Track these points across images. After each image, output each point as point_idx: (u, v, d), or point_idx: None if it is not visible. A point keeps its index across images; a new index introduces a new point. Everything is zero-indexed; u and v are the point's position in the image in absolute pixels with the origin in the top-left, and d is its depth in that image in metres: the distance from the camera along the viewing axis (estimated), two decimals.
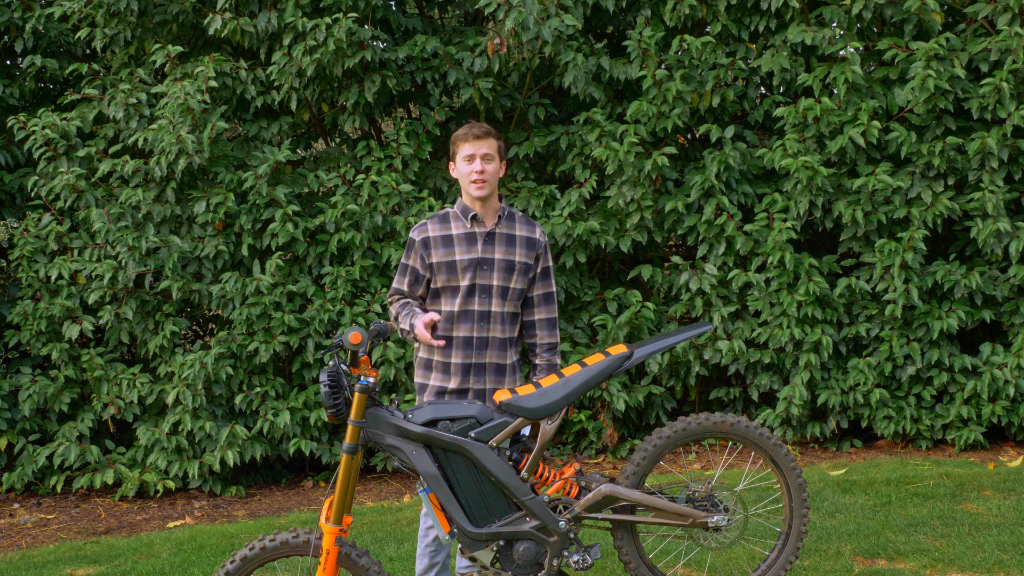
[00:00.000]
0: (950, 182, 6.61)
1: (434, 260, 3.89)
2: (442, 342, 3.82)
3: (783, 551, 3.76)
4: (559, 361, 4.06)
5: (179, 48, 6.94)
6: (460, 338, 3.89)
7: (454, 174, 3.95)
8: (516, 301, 3.94)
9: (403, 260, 3.98)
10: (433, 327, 3.83)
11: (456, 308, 3.88)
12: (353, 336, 3.36)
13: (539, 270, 4.00)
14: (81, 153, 6.93)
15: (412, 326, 3.80)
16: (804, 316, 6.63)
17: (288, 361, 6.92)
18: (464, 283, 3.87)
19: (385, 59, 6.97)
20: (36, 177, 6.92)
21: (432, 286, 3.93)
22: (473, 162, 3.84)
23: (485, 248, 3.89)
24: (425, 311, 3.91)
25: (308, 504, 6.52)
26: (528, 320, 4.01)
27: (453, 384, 3.90)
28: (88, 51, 7.91)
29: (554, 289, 4.06)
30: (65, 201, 6.84)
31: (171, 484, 6.60)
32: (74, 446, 6.64)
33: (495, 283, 3.89)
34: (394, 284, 3.99)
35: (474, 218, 3.90)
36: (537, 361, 4.04)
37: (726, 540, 3.71)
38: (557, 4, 6.69)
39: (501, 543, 3.54)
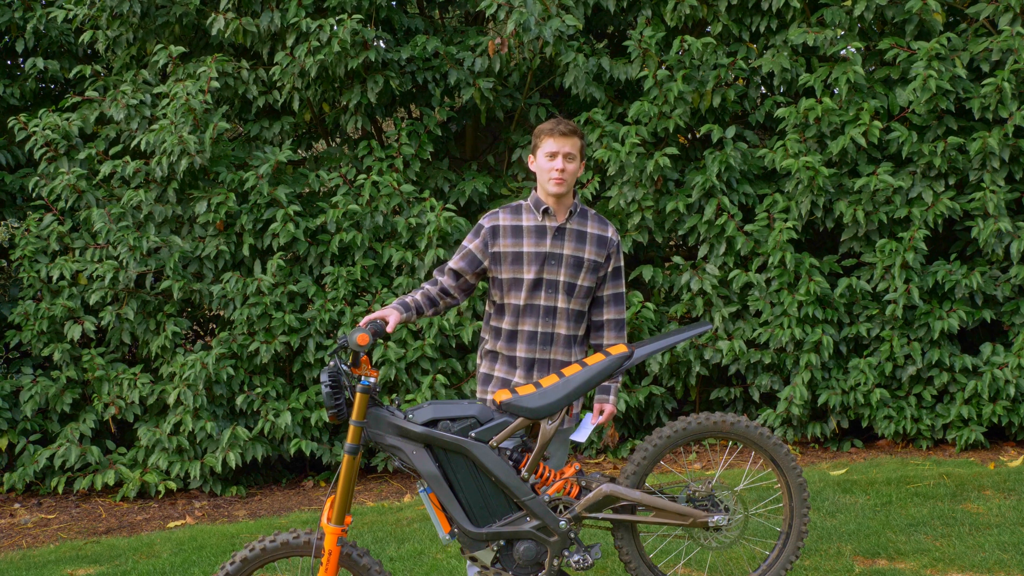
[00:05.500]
0: (951, 182, 6.61)
1: (500, 249, 3.82)
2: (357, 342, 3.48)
3: (783, 551, 3.76)
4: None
5: (181, 49, 6.94)
6: (525, 332, 3.82)
7: (532, 167, 3.87)
8: (583, 299, 3.86)
9: (464, 242, 3.87)
10: (376, 333, 3.56)
11: (522, 302, 3.82)
12: (361, 337, 3.34)
13: (610, 269, 3.90)
14: (82, 155, 6.93)
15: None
16: (805, 316, 6.63)
17: (289, 361, 6.92)
18: (529, 276, 3.80)
19: (387, 59, 6.97)
20: (37, 177, 6.92)
21: (497, 277, 3.85)
22: (555, 159, 3.78)
23: (554, 243, 3.82)
24: (432, 300, 3.81)
25: (308, 504, 6.52)
26: (596, 320, 3.93)
27: (518, 378, 3.84)
28: (89, 51, 7.92)
29: (624, 290, 3.95)
30: (66, 201, 6.84)
31: (172, 485, 6.60)
32: (75, 447, 6.64)
33: (562, 279, 3.81)
34: (448, 263, 3.88)
35: (545, 211, 3.83)
36: None
37: (726, 540, 3.71)
38: (558, 4, 6.69)
39: (502, 543, 3.55)
